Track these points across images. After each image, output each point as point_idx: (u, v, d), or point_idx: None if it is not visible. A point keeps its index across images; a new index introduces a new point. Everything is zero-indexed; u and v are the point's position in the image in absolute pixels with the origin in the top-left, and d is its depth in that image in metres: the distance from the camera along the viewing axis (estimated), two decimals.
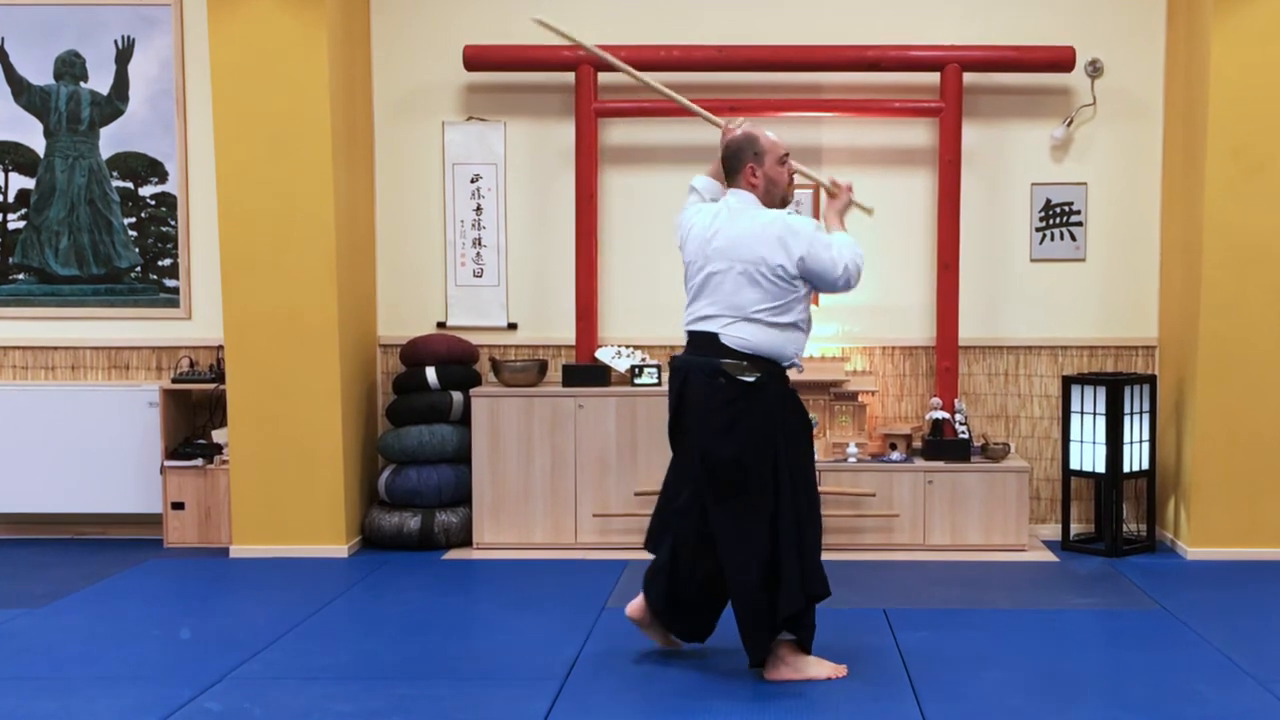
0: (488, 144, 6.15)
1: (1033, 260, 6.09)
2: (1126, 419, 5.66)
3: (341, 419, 5.67)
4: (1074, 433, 5.78)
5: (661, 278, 5.99)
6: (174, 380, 6.02)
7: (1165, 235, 6.01)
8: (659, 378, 5.79)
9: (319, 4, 5.50)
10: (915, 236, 6.10)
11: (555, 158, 6.15)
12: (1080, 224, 6.07)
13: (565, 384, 5.81)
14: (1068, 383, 5.82)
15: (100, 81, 6.13)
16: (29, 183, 6.17)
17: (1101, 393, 5.67)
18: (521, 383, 5.83)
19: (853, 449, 5.78)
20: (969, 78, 5.90)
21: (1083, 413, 5.74)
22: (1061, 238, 6.08)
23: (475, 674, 4.05)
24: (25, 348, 6.22)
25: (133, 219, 6.19)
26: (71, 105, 6.14)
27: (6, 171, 6.19)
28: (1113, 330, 6.10)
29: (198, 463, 5.92)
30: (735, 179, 3.98)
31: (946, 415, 5.85)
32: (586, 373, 5.81)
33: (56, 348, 6.22)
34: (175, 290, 6.18)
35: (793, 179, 4.01)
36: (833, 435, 5.90)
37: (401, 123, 6.17)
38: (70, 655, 4.26)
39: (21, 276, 6.22)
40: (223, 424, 5.96)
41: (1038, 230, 6.09)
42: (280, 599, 4.96)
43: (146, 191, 6.17)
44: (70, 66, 6.13)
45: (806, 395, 5.85)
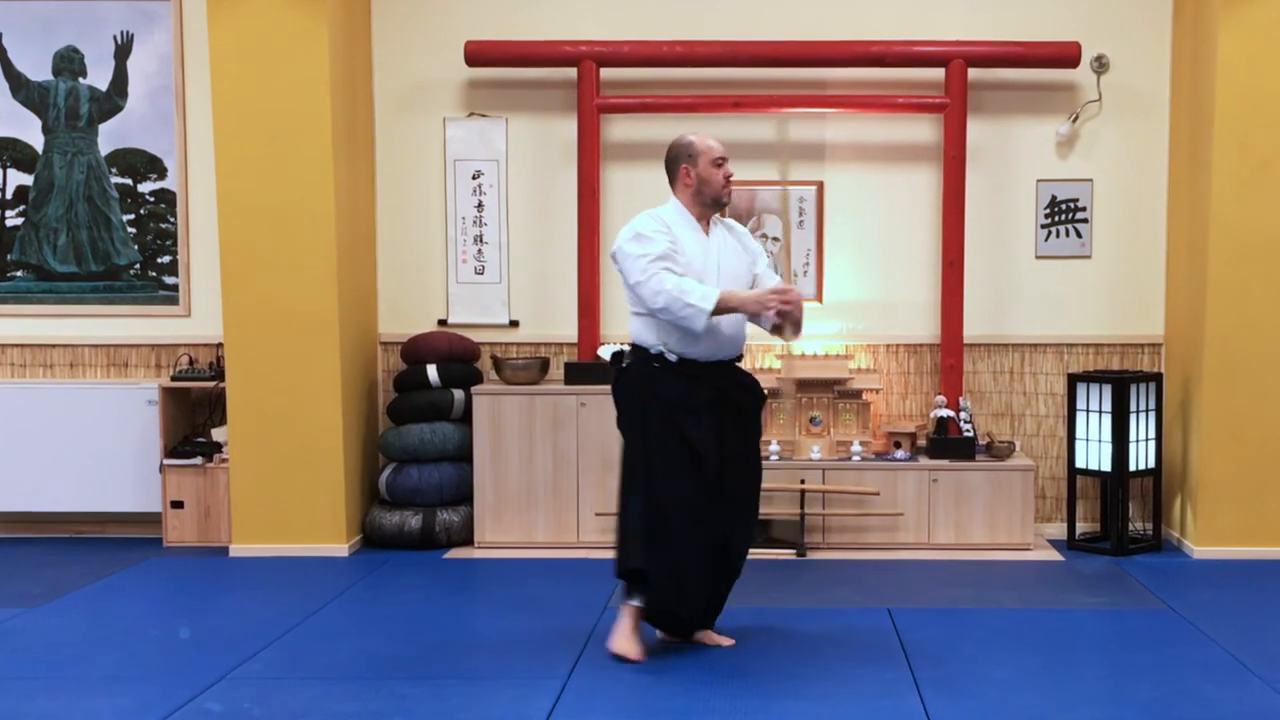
0: (489, 140, 6.12)
1: (1038, 257, 6.07)
2: (1132, 417, 5.63)
3: (342, 417, 5.64)
4: (1079, 431, 5.75)
5: None
6: (173, 378, 5.99)
7: (1171, 232, 5.98)
8: None
9: None
10: (920, 233, 6.07)
11: (557, 153, 6.12)
12: (1086, 221, 6.04)
13: (567, 382, 5.79)
14: (1073, 380, 5.79)
15: (99, 77, 6.10)
16: (27, 179, 6.14)
17: (1107, 391, 5.65)
18: (523, 380, 5.81)
19: (857, 447, 5.75)
20: (974, 73, 5.87)
21: (1088, 411, 5.71)
22: (1067, 234, 6.05)
23: (477, 673, 4.02)
24: (24, 345, 6.19)
25: (132, 215, 6.16)
26: (70, 101, 6.11)
27: (5, 168, 6.16)
28: (1118, 328, 6.07)
29: (197, 461, 5.89)
30: (673, 181, 4.26)
31: (951, 413, 5.82)
32: (589, 370, 5.78)
33: (55, 345, 6.19)
34: (174, 287, 6.15)
35: (728, 181, 4.20)
36: (837, 433, 5.87)
37: (402, 118, 6.14)
38: (69, 655, 4.24)
39: (20, 274, 6.19)
40: (222, 422, 5.93)
41: (1043, 227, 6.05)
42: (280, 598, 4.94)
43: (145, 188, 6.14)
44: (69, 62, 6.10)
45: (810, 393, 5.85)
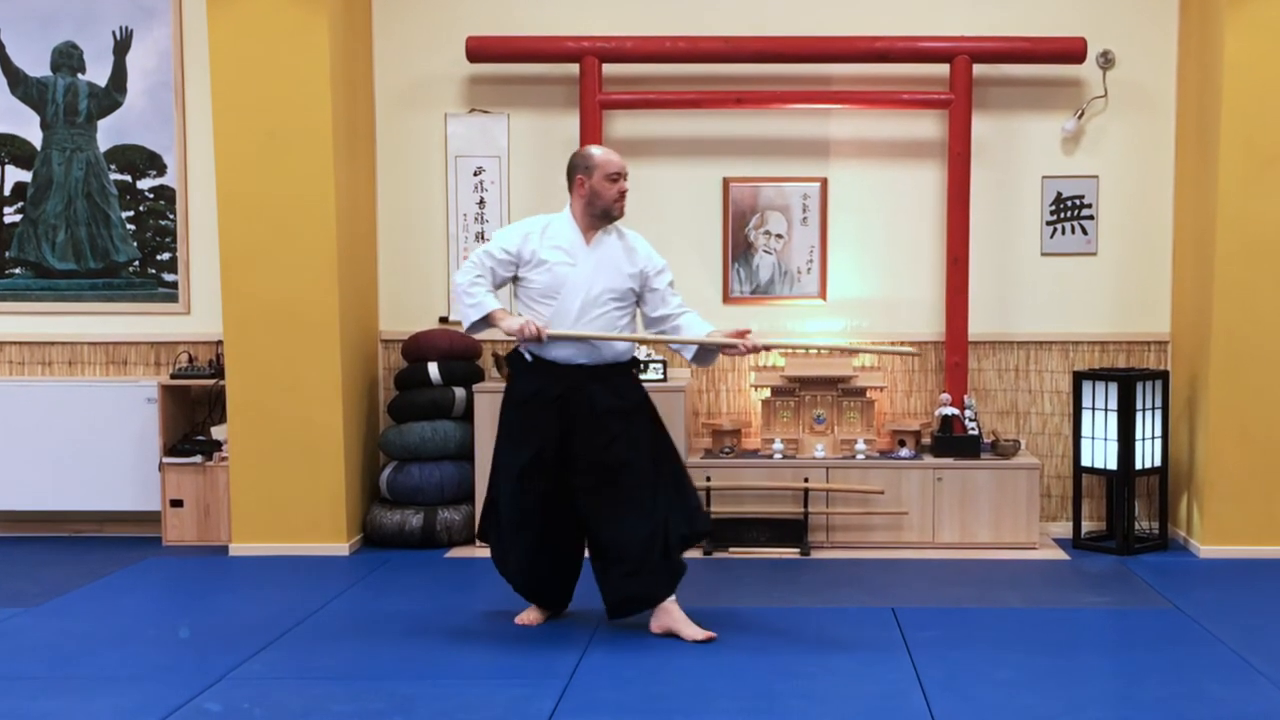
0: (491, 136, 6.09)
1: (1043, 254, 6.03)
2: (1139, 415, 5.60)
3: (342, 415, 5.61)
4: (1085, 429, 5.72)
5: None
6: (173, 376, 5.96)
7: (1178, 228, 5.95)
8: (664, 373, 5.73)
9: None
10: (924, 230, 6.04)
11: (559, 150, 6.07)
12: (1091, 217, 6.00)
13: None
14: (1079, 378, 5.76)
15: (98, 73, 6.07)
16: (25, 176, 6.11)
17: (1113, 388, 5.61)
18: None
19: (861, 445, 5.72)
20: (979, 69, 5.83)
21: (1094, 409, 5.68)
22: (1073, 231, 6.01)
23: (478, 673, 4.00)
24: (22, 343, 6.17)
25: (131, 212, 6.13)
26: (69, 97, 6.08)
27: (3, 164, 6.13)
28: (1124, 325, 6.04)
29: (197, 459, 5.86)
30: (570, 189, 4.36)
31: (956, 411, 5.79)
32: None
33: (54, 343, 6.16)
34: (174, 285, 6.12)
35: (621, 197, 4.30)
36: (841, 431, 5.84)
37: (403, 114, 6.11)
38: (68, 655, 4.21)
39: (18, 271, 6.16)
40: (222, 420, 5.90)
41: (1048, 224, 6.02)
42: (280, 597, 4.91)
43: (145, 184, 6.11)
44: (67, 58, 6.06)
45: (814, 391, 5.81)
